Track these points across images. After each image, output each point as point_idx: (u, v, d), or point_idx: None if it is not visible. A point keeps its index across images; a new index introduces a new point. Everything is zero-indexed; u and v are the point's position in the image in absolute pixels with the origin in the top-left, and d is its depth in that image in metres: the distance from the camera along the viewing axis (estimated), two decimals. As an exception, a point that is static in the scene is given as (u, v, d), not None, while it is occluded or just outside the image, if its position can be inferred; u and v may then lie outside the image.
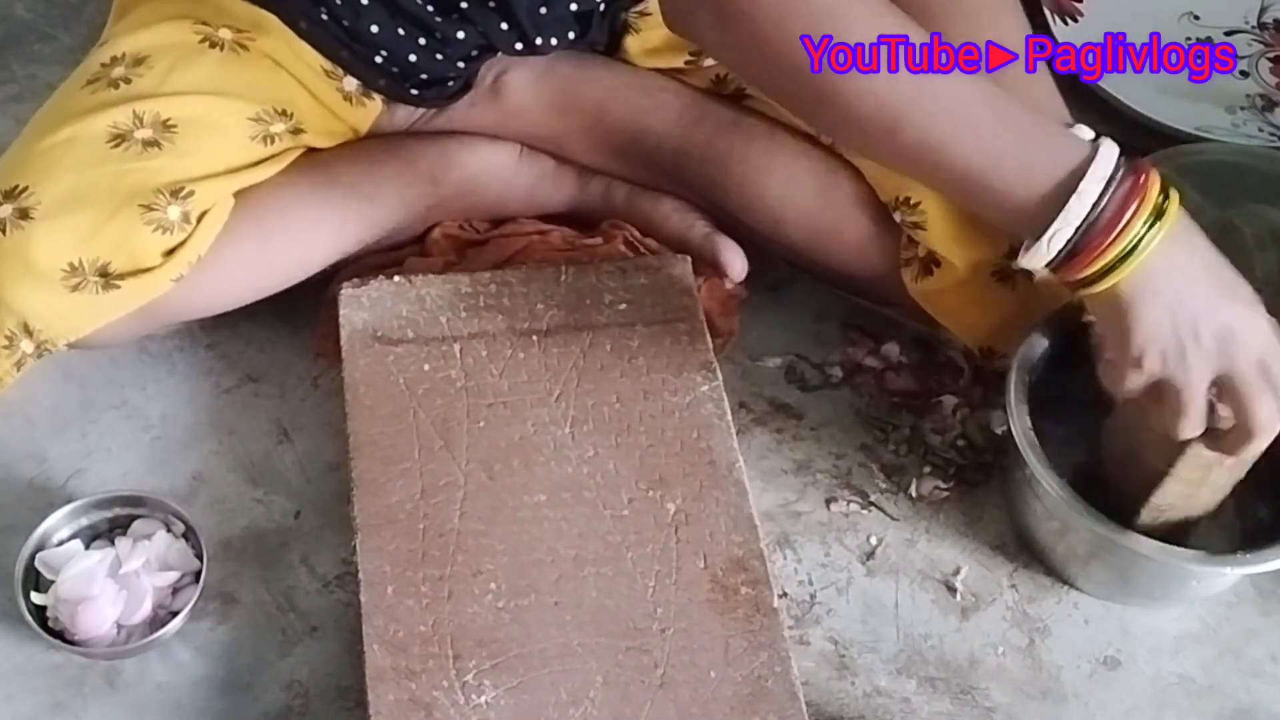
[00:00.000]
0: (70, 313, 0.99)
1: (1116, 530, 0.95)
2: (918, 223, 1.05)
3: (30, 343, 0.99)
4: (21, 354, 1.00)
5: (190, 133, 1.02)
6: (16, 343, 0.99)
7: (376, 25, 1.06)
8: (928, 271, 1.07)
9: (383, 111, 1.14)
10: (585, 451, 1.01)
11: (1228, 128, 1.35)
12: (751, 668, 0.92)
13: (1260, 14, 1.48)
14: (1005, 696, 0.99)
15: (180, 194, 0.99)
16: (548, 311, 1.08)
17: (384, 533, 0.96)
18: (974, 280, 1.06)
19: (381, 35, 1.06)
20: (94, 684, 0.97)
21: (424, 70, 1.08)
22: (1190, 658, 1.02)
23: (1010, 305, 1.07)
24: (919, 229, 1.05)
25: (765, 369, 1.17)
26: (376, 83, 1.10)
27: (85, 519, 1.01)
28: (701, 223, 1.16)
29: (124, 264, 0.99)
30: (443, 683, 0.90)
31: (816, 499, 1.09)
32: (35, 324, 0.99)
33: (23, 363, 1.00)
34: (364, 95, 1.10)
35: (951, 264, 1.05)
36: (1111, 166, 0.87)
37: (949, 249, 1.05)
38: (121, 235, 0.98)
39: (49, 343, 1.00)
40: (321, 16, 1.06)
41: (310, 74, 1.08)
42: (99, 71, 1.04)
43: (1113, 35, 1.43)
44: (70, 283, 0.98)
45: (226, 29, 1.06)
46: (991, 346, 1.10)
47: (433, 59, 1.08)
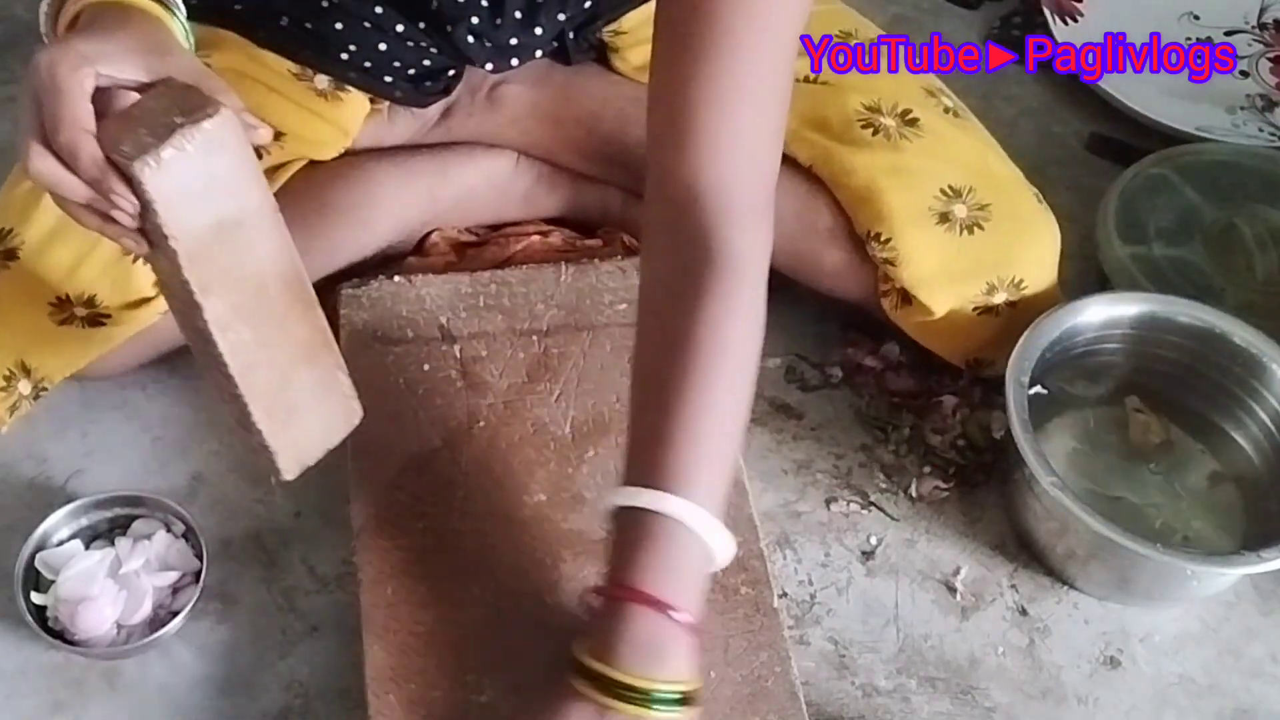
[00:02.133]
0: (63, 348, 1.00)
1: (1117, 530, 0.95)
2: (889, 259, 1.05)
3: (28, 383, 1.00)
4: (18, 396, 1.01)
5: None
6: (14, 383, 1.00)
7: (340, 23, 1.06)
8: (906, 301, 1.08)
9: (382, 122, 1.14)
10: (585, 451, 1.01)
11: (1228, 128, 1.35)
12: (751, 668, 0.92)
13: (1260, 14, 1.48)
14: (1005, 696, 0.99)
15: None
16: (548, 311, 1.08)
17: (384, 533, 0.96)
18: (953, 312, 1.06)
19: (346, 31, 1.06)
20: (94, 684, 0.97)
21: (396, 59, 1.08)
22: (1190, 658, 1.02)
23: (993, 329, 1.07)
24: (891, 265, 1.05)
25: (765, 369, 1.17)
26: (347, 76, 1.09)
27: (85, 519, 1.01)
28: None
29: (111, 297, 0.99)
30: (443, 682, 0.90)
31: (816, 499, 1.09)
32: (31, 361, 0.99)
33: (18, 406, 1.01)
34: (338, 89, 1.10)
35: (925, 303, 1.05)
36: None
37: (920, 288, 1.05)
38: (104, 268, 0.98)
39: (46, 380, 1.01)
40: (280, 23, 1.06)
41: (279, 79, 1.08)
42: None
43: (1113, 35, 1.43)
44: (58, 317, 0.98)
45: None
46: (979, 358, 1.10)
47: (403, 48, 1.08)
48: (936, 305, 1.05)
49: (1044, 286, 1.09)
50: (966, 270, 1.05)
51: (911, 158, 1.06)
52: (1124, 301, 1.10)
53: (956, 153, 1.08)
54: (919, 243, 1.04)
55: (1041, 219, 1.09)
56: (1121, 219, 1.19)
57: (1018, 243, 1.07)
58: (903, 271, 1.05)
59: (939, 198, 1.05)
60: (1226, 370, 1.08)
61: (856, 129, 1.08)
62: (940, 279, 1.05)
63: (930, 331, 1.09)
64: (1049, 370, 1.06)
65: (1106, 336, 1.10)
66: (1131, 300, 1.10)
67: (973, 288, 1.05)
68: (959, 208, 1.05)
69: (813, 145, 1.08)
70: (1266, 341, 1.07)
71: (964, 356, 1.11)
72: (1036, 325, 1.05)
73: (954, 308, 1.06)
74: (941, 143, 1.08)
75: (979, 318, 1.07)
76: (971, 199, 1.05)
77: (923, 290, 1.05)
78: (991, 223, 1.05)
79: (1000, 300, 1.06)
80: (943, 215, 1.05)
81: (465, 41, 1.07)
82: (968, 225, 1.05)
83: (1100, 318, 1.09)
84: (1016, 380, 1.02)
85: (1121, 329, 1.10)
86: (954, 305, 1.06)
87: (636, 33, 1.14)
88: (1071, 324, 1.07)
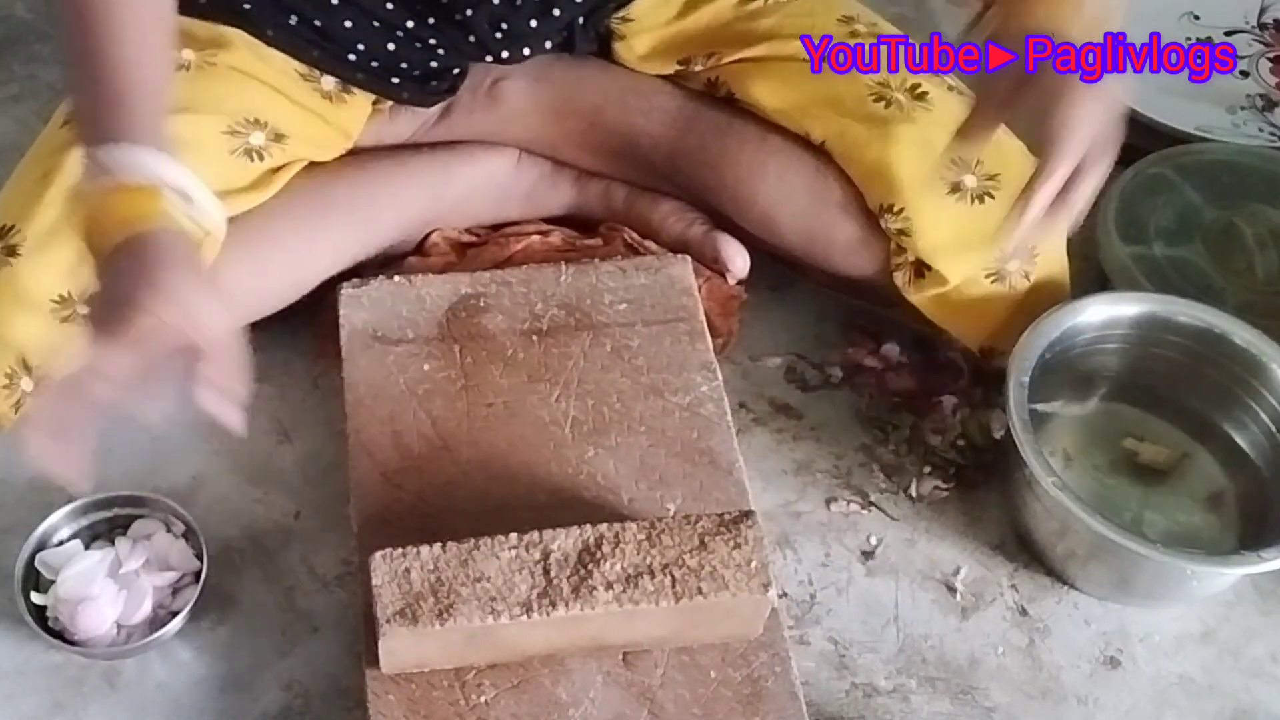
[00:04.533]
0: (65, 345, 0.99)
1: (1116, 530, 0.95)
2: (903, 229, 1.06)
3: (30, 380, 1.00)
4: (21, 393, 1.00)
5: None
6: (16, 381, 1.00)
7: (350, 21, 1.06)
8: (919, 275, 1.08)
9: (384, 121, 1.14)
10: (585, 451, 1.01)
11: (1228, 128, 1.35)
12: (751, 668, 0.92)
13: (1260, 14, 1.48)
14: (1005, 696, 0.99)
15: None
16: (548, 311, 1.08)
17: (384, 533, 0.96)
18: (967, 282, 1.06)
19: (355, 30, 1.07)
20: (94, 684, 0.97)
21: (404, 59, 1.08)
22: (1190, 658, 1.02)
23: (1007, 304, 1.07)
24: (904, 235, 1.06)
25: (765, 369, 1.17)
26: (354, 77, 1.10)
27: (85, 519, 1.01)
28: (700, 221, 1.16)
29: None
30: (443, 683, 0.90)
31: (816, 499, 1.09)
32: (33, 359, 0.99)
33: (21, 403, 1.01)
34: (344, 91, 1.10)
35: (940, 271, 1.05)
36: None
37: (935, 256, 1.05)
38: None
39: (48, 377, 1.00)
40: (289, 21, 1.06)
41: (284, 79, 1.08)
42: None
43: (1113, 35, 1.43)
44: (61, 314, 0.98)
45: (189, 50, 1.05)
46: (993, 346, 1.10)
47: (411, 48, 1.08)
48: (952, 273, 1.05)
49: (1055, 256, 1.09)
50: (980, 237, 1.05)
51: (923, 130, 1.07)
52: (1124, 301, 1.10)
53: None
54: (932, 212, 1.05)
55: None
56: (1121, 219, 1.19)
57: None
58: (917, 241, 1.05)
59: (949, 168, 1.06)
60: (1226, 370, 1.08)
61: (869, 104, 1.08)
62: (954, 246, 1.05)
63: (945, 306, 1.09)
64: (1049, 370, 1.06)
65: (1107, 336, 1.10)
66: (1131, 300, 1.10)
67: (987, 254, 1.05)
68: (969, 178, 1.05)
69: (826, 122, 1.09)
70: (1266, 341, 1.07)
71: (978, 338, 1.10)
72: (1036, 325, 1.05)
73: (969, 276, 1.06)
74: (950, 116, 1.07)
75: (993, 288, 1.07)
76: (980, 169, 1.06)
77: (938, 258, 1.05)
78: (1002, 191, 1.05)
79: (1014, 269, 1.06)
80: (954, 185, 1.05)
81: (481, 28, 1.07)
82: (978, 195, 1.06)
83: (1100, 317, 1.09)
84: (1016, 380, 1.02)
85: (1121, 329, 1.10)
86: (969, 273, 1.06)
87: (644, 20, 1.14)
88: (1071, 324, 1.07)
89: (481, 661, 0.90)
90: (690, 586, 0.87)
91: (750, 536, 0.89)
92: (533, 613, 0.86)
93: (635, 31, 1.14)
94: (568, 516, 0.94)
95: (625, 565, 0.87)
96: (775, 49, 1.12)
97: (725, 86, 1.14)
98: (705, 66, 1.13)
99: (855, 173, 1.09)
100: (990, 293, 1.07)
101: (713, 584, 0.87)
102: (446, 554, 0.87)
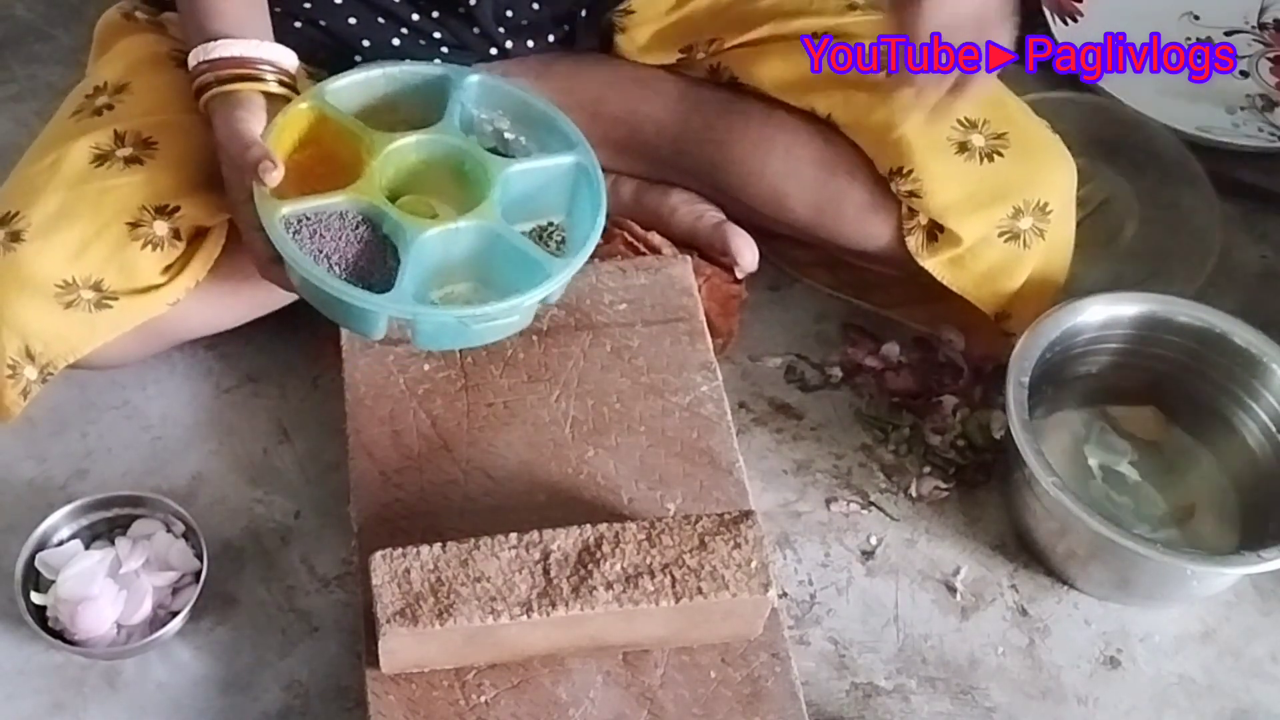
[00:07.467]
0: (68, 331, 0.99)
1: (1116, 530, 0.95)
2: (914, 191, 1.06)
3: (33, 368, 1.00)
4: (26, 381, 1.00)
5: (170, 147, 1.01)
6: (20, 370, 0.99)
7: (354, 18, 1.07)
8: (932, 238, 1.08)
9: None
10: (585, 451, 1.01)
11: (1228, 128, 1.35)
12: (751, 668, 0.92)
13: (1260, 14, 1.48)
14: (1005, 696, 0.99)
15: (166, 210, 0.99)
16: (548, 311, 1.08)
17: (384, 533, 0.96)
18: (980, 244, 1.06)
19: (360, 26, 1.07)
20: (94, 684, 0.97)
21: (409, 55, 1.08)
22: (1190, 658, 1.02)
23: (1021, 266, 1.07)
24: (915, 197, 1.06)
25: (765, 369, 1.17)
26: None
27: (85, 519, 1.01)
28: (711, 212, 1.16)
29: (118, 282, 0.99)
30: (443, 683, 0.90)
31: (816, 499, 1.09)
32: (36, 345, 0.99)
33: (28, 390, 1.00)
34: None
35: (954, 230, 1.05)
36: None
37: (947, 215, 1.05)
38: (110, 251, 0.98)
39: (50, 365, 1.00)
40: (295, 25, 1.07)
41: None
42: (83, 102, 1.05)
43: (1113, 35, 1.43)
44: (65, 299, 0.98)
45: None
46: (1008, 311, 1.10)
47: (416, 43, 1.09)
48: (965, 231, 1.05)
49: (1065, 214, 1.09)
50: (992, 194, 1.05)
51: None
52: (1124, 301, 1.10)
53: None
54: (941, 172, 1.05)
55: (1057, 147, 1.09)
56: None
57: (1039, 168, 1.07)
58: (929, 202, 1.05)
59: (956, 128, 1.06)
60: (1226, 370, 1.08)
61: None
62: (966, 205, 1.05)
63: (960, 270, 1.08)
64: (1049, 370, 1.06)
65: (1106, 336, 1.10)
66: (1132, 300, 1.10)
67: (999, 211, 1.05)
68: (976, 137, 1.06)
69: (830, 95, 1.09)
70: (1266, 341, 1.07)
71: (995, 303, 1.10)
72: (1036, 325, 1.05)
73: (982, 235, 1.06)
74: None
75: (1007, 247, 1.07)
76: (987, 129, 1.06)
77: (950, 217, 1.05)
78: (1010, 149, 1.06)
79: (1027, 226, 1.06)
80: (961, 145, 1.06)
81: (485, 18, 1.08)
82: (986, 153, 1.06)
83: (1100, 318, 1.09)
84: (1016, 380, 1.02)
85: (1121, 329, 1.10)
86: (982, 232, 1.06)
87: (644, 11, 1.15)
88: (1071, 324, 1.07)
89: (481, 661, 0.90)
90: (690, 586, 0.87)
91: (750, 536, 0.89)
92: (533, 613, 0.86)
93: (636, 23, 1.15)
94: (568, 516, 0.94)
95: (625, 565, 0.88)
96: (777, 29, 1.12)
97: (727, 72, 1.14)
98: (708, 53, 1.14)
99: (863, 139, 1.09)
100: (1005, 254, 1.07)
101: (713, 584, 0.87)
102: (446, 554, 0.88)
